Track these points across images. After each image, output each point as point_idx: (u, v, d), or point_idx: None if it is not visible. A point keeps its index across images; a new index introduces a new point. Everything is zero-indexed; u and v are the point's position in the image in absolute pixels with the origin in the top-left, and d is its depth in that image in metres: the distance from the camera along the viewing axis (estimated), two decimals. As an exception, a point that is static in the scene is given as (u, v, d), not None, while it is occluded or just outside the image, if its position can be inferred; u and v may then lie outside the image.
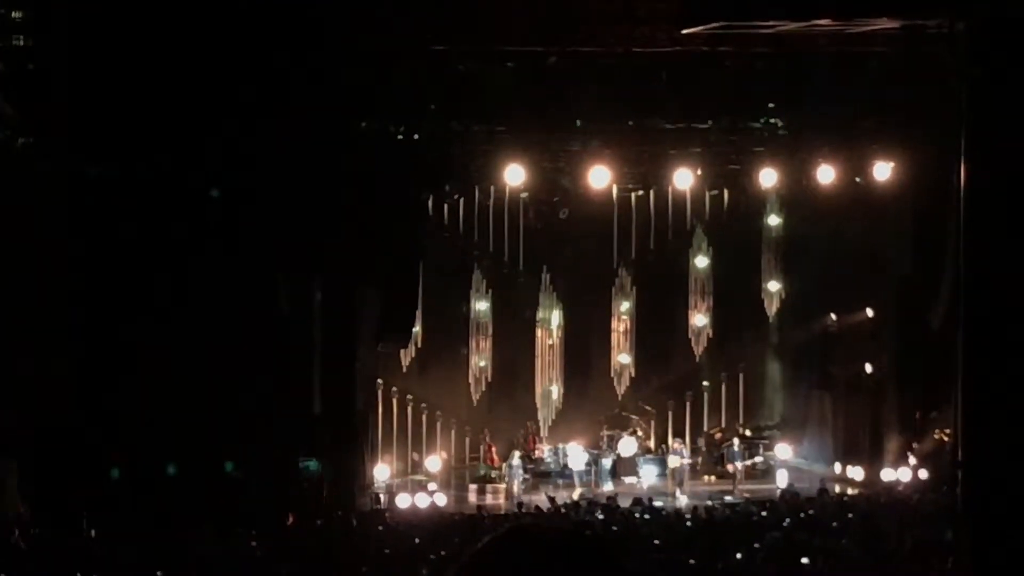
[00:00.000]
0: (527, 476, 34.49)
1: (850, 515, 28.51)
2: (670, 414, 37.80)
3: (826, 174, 33.43)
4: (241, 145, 27.69)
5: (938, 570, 20.87)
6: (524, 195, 34.64)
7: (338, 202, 29.08)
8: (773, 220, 37.10)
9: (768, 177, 33.88)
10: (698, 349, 37.91)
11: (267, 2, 28.16)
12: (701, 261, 37.41)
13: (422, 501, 32.06)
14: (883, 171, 32.91)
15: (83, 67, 28.28)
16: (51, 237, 28.85)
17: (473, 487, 35.46)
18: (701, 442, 37.63)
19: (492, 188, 34.35)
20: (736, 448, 35.42)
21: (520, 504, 31.79)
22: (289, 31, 27.84)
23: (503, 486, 34.97)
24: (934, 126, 27.60)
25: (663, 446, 36.58)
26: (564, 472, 35.88)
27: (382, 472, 33.97)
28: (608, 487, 34.91)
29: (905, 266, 34.06)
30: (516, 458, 34.21)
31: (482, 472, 35.80)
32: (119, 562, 24.27)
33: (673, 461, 34.67)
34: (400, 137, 30.79)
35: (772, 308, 37.62)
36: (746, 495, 32.85)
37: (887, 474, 33.75)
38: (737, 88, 30.68)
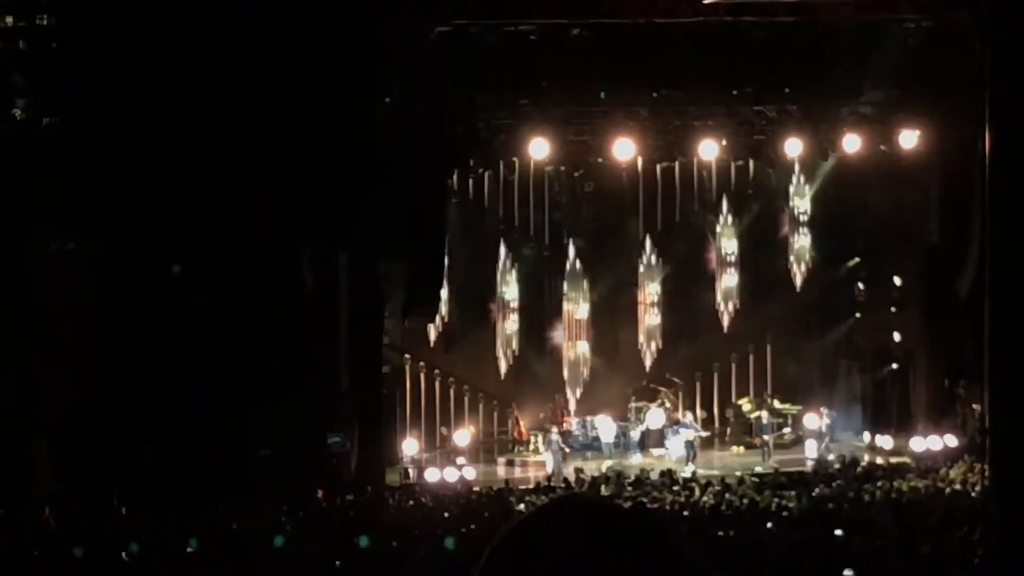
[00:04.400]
0: (564, 449, 34.39)
1: (879, 484, 28.52)
2: (698, 385, 37.78)
3: (851, 143, 33.33)
4: (267, 121, 27.68)
5: (967, 538, 20.85)
6: (549, 168, 34.64)
7: (363, 178, 29.09)
8: (799, 190, 36.99)
9: (793, 147, 33.79)
10: (725, 320, 37.85)
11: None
12: (727, 232, 37.33)
13: (451, 475, 32.10)
14: (909, 139, 32.79)
15: (107, 45, 28.32)
16: (78, 216, 28.96)
17: (502, 460, 35.52)
18: (729, 413, 37.60)
19: (517, 162, 34.34)
20: (764, 419, 35.36)
21: (550, 477, 31.87)
22: (315, 9, 27.85)
23: (532, 459, 35.01)
24: (959, 93, 27.48)
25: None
26: (592, 444, 35.89)
27: (410, 447, 34.02)
28: (636, 459, 34.93)
29: (932, 234, 33.94)
30: (555, 433, 34.18)
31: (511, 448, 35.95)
32: (150, 538, 24.40)
33: (685, 434, 34.56)
34: (424, 112, 30.77)
35: (799, 279, 37.53)
36: (775, 466, 32.83)
37: (916, 443, 33.68)
38: (761, 58, 30.56)
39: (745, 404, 37.37)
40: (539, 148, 32.59)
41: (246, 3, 27.84)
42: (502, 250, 36.46)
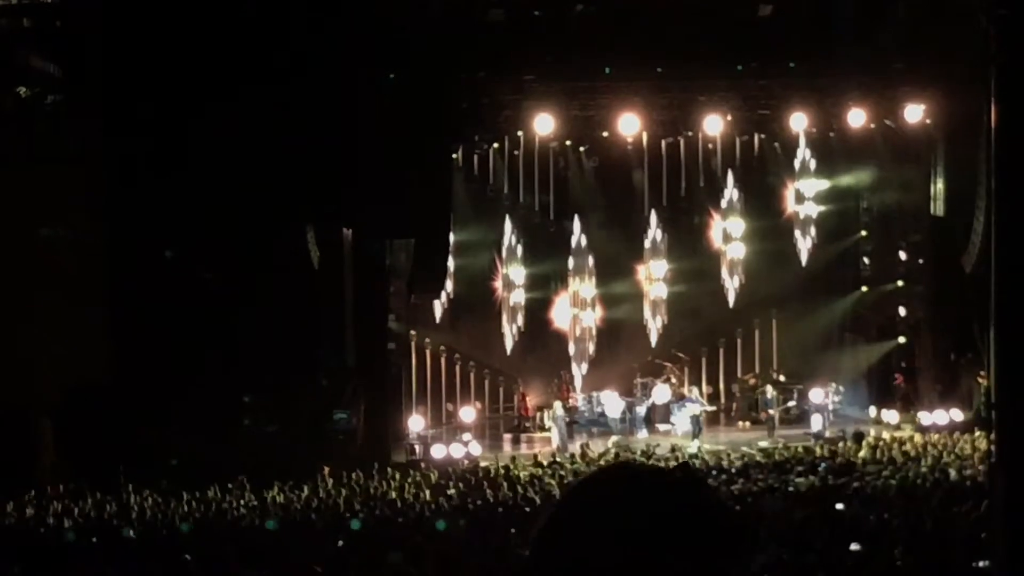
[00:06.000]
0: (570, 424, 34.36)
1: (884, 458, 28.50)
2: (703, 361, 37.77)
3: (857, 117, 33.26)
4: (270, 100, 27.63)
5: (973, 513, 20.85)
6: (554, 144, 34.58)
7: (368, 154, 29.04)
8: (804, 165, 36.93)
9: (798, 122, 33.74)
10: (730, 296, 37.84)
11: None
12: (732, 207, 37.30)
13: (457, 451, 32.11)
14: (914, 113, 32.72)
15: (111, 24, 28.27)
16: (83, 194, 28.94)
17: (508, 436, 35.51)
18: (735, 388, 37.60)
19: (522, 138, 34.29)
20: (770, 394, 35.34)
21: (555, 453, 31.85)
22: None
23: (538, 435, 35.01)
24: (964, 67, 27.40)
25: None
26: (599, 420, 35.91)
27: (416, 423, 34.02)
28: (643, 434, 34.93)
29: (937, 208, 33.88)
30: (560, 408, 34.14)
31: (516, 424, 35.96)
32: (154, 514, 24.45)
33: (691, 409, 34.53)
34: (429, 88, 30.69)
35: (804, 253, 37.48)
36: (780, 440, 32.80)
37: (922, 417, 33.67)
38: (765, 33, 30.45)
39: (750, 379, 37.38)
40: (544, 123, 32.55)
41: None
42: (507, 225, 36.45)
